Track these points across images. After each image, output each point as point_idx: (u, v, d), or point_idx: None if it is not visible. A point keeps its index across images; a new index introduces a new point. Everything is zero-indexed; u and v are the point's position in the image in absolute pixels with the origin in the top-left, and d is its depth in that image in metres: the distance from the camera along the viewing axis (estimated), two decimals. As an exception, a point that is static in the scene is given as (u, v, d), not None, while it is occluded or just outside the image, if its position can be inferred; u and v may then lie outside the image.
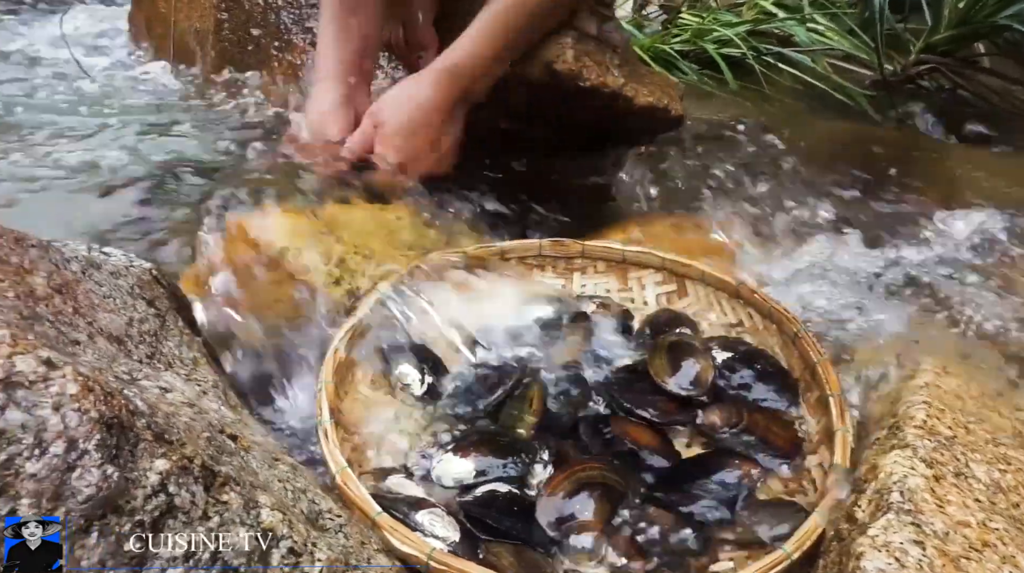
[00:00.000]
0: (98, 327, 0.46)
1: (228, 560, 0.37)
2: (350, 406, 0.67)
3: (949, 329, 0.75)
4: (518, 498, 0.58)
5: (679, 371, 0.67)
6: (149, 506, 0.34)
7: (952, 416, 0.56)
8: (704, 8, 1.69)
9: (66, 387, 0.33)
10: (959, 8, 1.29)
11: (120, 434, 0.34)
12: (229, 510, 0.38)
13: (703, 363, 0.68)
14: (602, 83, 0.97)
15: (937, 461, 0.49)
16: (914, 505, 0.44)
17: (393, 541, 0.50)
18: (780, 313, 0.73)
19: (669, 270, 0.81)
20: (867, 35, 1.43)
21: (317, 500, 0.49)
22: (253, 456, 0.46)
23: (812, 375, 0.68)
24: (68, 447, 0.32)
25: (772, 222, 0.96)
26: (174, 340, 0.56)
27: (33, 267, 0.44)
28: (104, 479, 0.32)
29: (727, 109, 1.34)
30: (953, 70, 1.33)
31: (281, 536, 0.40)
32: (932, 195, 1.04)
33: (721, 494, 0.58)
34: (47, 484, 0.31)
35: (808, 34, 1.49)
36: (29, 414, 0.31)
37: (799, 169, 1.09)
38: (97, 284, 0.50)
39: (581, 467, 0.58)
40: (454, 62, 0.87)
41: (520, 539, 0.54)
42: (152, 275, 0.59)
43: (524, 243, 0.83)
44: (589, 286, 0.83)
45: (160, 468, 0.35)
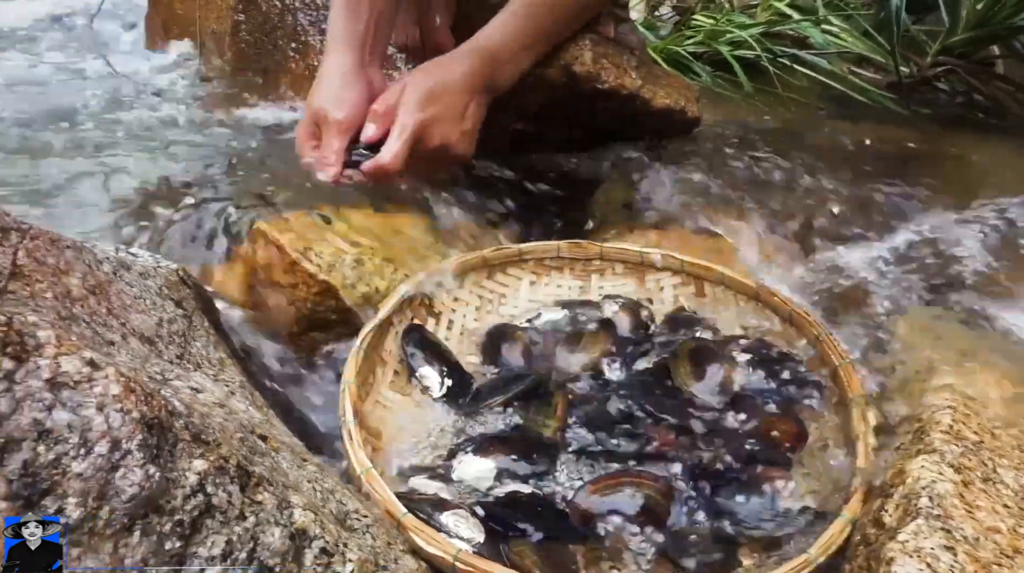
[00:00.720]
0: (131, 328, 0.46)
1: (264, 560, 0.37)
2: (372, 407, 0.67)
3: (973, 331, 0.75)
4: (540, 498, 0.59)
5: (704, 378, 0.67)
6: (188, 506, 0.35)
7: (977, 421, 0.56)
8: (717, 9, 1.69)
9: (109, 388, 0.33)
10: (977, 10, 1.28)
11: (160, 434, 0.34)
12: (264, 510, 0.38)
13: (727, 369, 0.68)
14: (620, 85, 0.97)
15: (965, 466, 0.49)
16: (943, 510, 0.44)
17: (419, 542, 0.51)
18: (801, 316, 0.73)
19: (688, 272, 0.81)
20: (882, 37, 1.42)
21: (345, 501, 0.49)
22: (283, 457, 0.47)
23: (834, 378, 0.68)
24: (112, 447, 0.32)
25: (789, 224, 0.95)
26: (201, 341, 0.56)
27: (69, 268, 0.44)
28: (146, 479, 0.33)
29: (742, 111, 1.34)
30: (970, 72, 1.33)
31: (314, 536, 0.40)
32: (952, 195, 1.03)
33: (741, 498, 0.59)
34: (93, 483, 0.31)
35: (823, 36, 1.49)
36: (75, 414, 0.32)
37: (816, 170, 1.09)
38: (128, 285, 0.51)
39: (631, 478, 0.58)
40: (484, 44, 0.85)
41: (545, 533, 0.54)
42: (179, 276, 0.60)
43: (542, 245, 0.84)
44: (607, 288, 0.83)
45: (198, 468, 0.36)
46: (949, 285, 0.82)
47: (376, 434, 0.65)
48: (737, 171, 1.07)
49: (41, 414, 0.31)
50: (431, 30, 0.99)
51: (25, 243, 0.42)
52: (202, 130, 1.03)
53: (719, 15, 1.61)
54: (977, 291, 0.83)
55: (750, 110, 1.35)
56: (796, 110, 1.33)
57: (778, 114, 1.33)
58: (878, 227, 0.96)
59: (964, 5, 1.31)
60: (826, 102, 1.38)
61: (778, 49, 1.47)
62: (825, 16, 1.52)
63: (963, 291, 0.82)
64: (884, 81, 1.42)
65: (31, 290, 0.40)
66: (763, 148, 1.15)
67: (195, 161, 0.93)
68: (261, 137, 1.03)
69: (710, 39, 1.51)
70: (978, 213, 0.92)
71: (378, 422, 0.66)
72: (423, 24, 1.00)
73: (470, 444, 0.63)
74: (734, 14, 1.62)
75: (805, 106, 1.36)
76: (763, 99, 1.38)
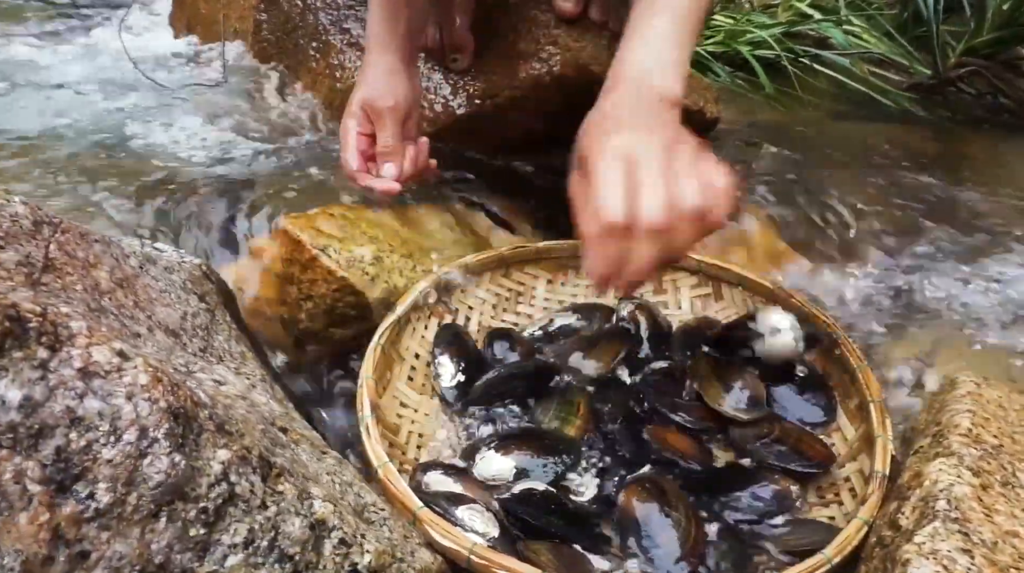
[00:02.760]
0: (156, 321, 0.48)
1: (284, 548, 0.38)
2: (389, 402, 0.68)
3: (991, 339, 0.74)
4: (554, 497, 0.59)
5: (731, 392, 0.67)
6: (212, 494, 0.36)
7: (997, 425, 0.55)
8: (737, 9, 1.68)
9: (138, 377, 0.34)
10: (1003, 10, 1.26)
11: (186, 424, 0.35)
12: (285, 500, 0.39)
13: (752, 381, 0.68)
14: (638, 85, 0.97)
15: (984, 470, 0.49)
16: (961, 513, 0.44)
17: (435, 535, 0.51)
18: (818, 318, 0.72)
19: (705, 273, 0.81)
20: (904, 37, 1.41)
21: (363, 493, 0.50)
22: (303, 449, 0.48)
23: (852, 381, 0.67)
24: (140, 435, 0.33)
25: (808, 227, 0.95)
26: (223, 334, 0.57)
27: (97, 262, 0.45)
28: (172, 466, 0.34)
29: (761, 112, 1.33)
30: (995, 73, 1.31)
31: (333, 526, 0.41)
32: (972, 201, 1.02)
33: (759, 508, 0.59)
34: (121, 470, 0.32)
35: (844, 36, 1.47)
36: (105, 402, 0.33)
37: (836, 173, 1.08)
38: (154, 279, 0.52)
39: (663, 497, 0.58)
40: (663, 83, 0.61)
41: (560, 536, 0.55)
42: (202, 270, 0.61)
43: (559, 244, 0.84)
44: (624, 288, 0.83)
45: (222, 458, 0.37)
46: (970, 290, 0.82)
47: (393, 429, 0.66)
48: (755, 172, 1.06)
49: (73, 402, 0.32)
50: (451, 30, 1.00)
51: (57, 237, 0.43)
52: (222, 127, 1.04)
53: (739, 15, 1.61)
54: (1000, 297, 0.82)
55: (770, 110, 1.34)
56: (816, 110, 1.33)
57: (799, 114, 1.32)
58: (898, 230, 0.95)
59: (990, 5, 1.30)
60: (846, 103, 1.37)
61: (799, 49, 1.46)
62: (847, 16, 1.51)
63: (985, 296, 0.81)
64: (906, 82, 1.40)
65: (63, 282, 0.41)
66: (783, 149, 1.15)
67: (216, 156, 0.94)
68: (282, 134, 1.04)
69: (730, 39, 1.51)
70: (1002, 218, 0.91)
71: (395, 418, 0.67)
72: (443, 24, 1.01)
73: (492, 440, 0.63)
74: (754, 14, 1.61)
75: (825, 107, 1.35)
76: (783, 99, 1.38)
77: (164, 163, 0.90)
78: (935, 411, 0.60)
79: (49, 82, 1.22)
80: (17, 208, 0.41)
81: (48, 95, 1.17)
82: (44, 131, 1.01)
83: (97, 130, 1.02)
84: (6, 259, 0.38)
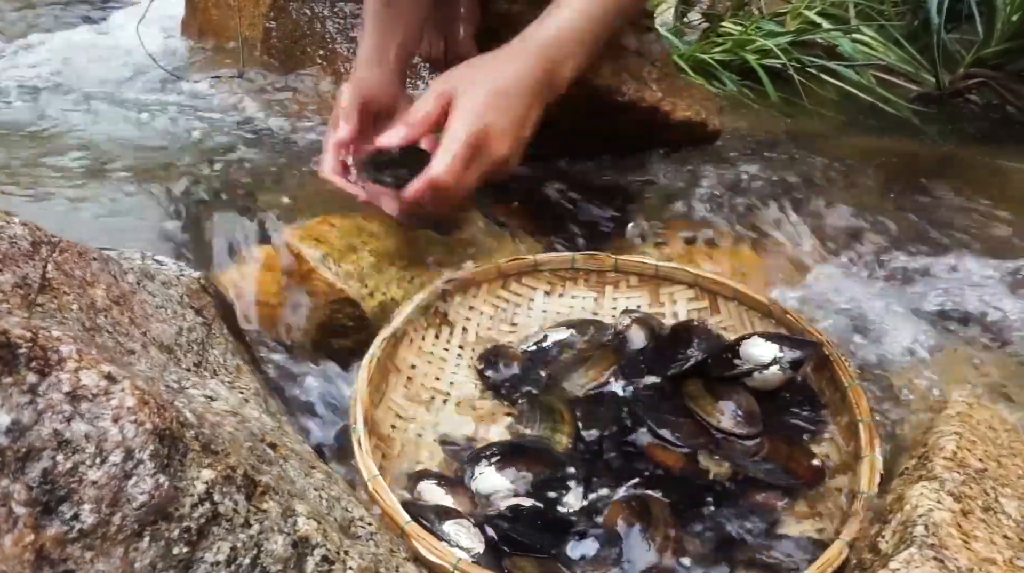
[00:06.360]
0: (151, 337, 0.49)
1: (267, 566, 0.39)
2: (384, 413, 0.69)
3: (986, 357, 0.74)
4: (542, 513, 0.60)
5: (726, 408, 0.67)
6: (196, 513, 0.37)
7: (984, 448, 0.55)
8: (746, 17, 1.67)
9: (124, 400, 0.35)
10: (1012, 21, 1.25)
11: (171, 445, 0.37)
12: (268, 518, 0.40)
13: (745, 396, 0.68)
14: (639, 98, 0.98)
15: (965, 495, 0.49)
16: (938, 540, 0.44)
17: (421, 550, 0.52)
18: (812, 335, 0.72)
19: (702, 287, 0.82)
20: (914, 47, 1.40)
21: (350, 508, 0.51)
22: (291, 465, 0.49)
23: (843, 399, 0.67)
24: (125, 456, 0.34)
25: (810, 240, 0.95)
26: (219, 348, 0.59)
27: (94, 280, 0.47)
28: (156, 487, 0.35)
29: (767, 122, 1.33)
30: (1004, 85, 1.30)
31: (316, 544, 0.42)
32: (978, 214, 1.01)
33: (744, 523, 0.59)
34: (106, 491, 0.33)
35: (852, 45, 1.47)
36: (92, 425, 0.34)
37: (840, 184, 1.08)
38: (151, 294, 0.53)
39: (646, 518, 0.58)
40: (538, 40, 0.74)
41: (544, 553, 0.55)
42: (200, 284, 0.62)
43: (557, 256, 0.84)
44: (621, 300, 0.83)
45: (206, 478, 0.38)
46: (968, 307, 0.81)
47: (387, 440, 0.67)
48: (758, 183, 1.06)
49: (61, 425, 0.33)
50: (455, 41, 1.01)
51: (55, 256, 0.45)
52: (226, 134, 1.06)
53: (748, 23, 1.60)
54: (999, 314, 0.82)
55: (776, 120, 1.34)
56: (822, 121, 1.32)
57: (805, 124, 1.32)
58: (901, 244, 0.94)
59: (1000, 16, 1.29)
60: (851, 113, 1.37)
61: (807, 59, 1.45)
62: (856, 26, 1.50)
63: (983, 313, 0.81)
64: (913, 93, 1.39)
65: (59, 302, 0.42)
66: (787, 160, 1.15)
67: (216, 165, 0.96)
68: (283, 144, 1.05)
69: (738, 47, 1.50)
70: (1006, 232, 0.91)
71: (389, 429, 0.68)
72: (448, 35, 1.02)
73: (490, 456, 0.63)
74: (763, 22, 1.60)
75: (831, 117, 1.34)
76: (789, 109, 1.37)
77: (164, 165, 0.92)
78: (923, 431, 0.60)
79: (63, 80, 1.25)
80: (16, 230, 0.43)
81: (64, 94, 1.19)
82: (50, 128, 1.04)
83: (108, 130, 1.04)
84: (3, 282, 0.39)
